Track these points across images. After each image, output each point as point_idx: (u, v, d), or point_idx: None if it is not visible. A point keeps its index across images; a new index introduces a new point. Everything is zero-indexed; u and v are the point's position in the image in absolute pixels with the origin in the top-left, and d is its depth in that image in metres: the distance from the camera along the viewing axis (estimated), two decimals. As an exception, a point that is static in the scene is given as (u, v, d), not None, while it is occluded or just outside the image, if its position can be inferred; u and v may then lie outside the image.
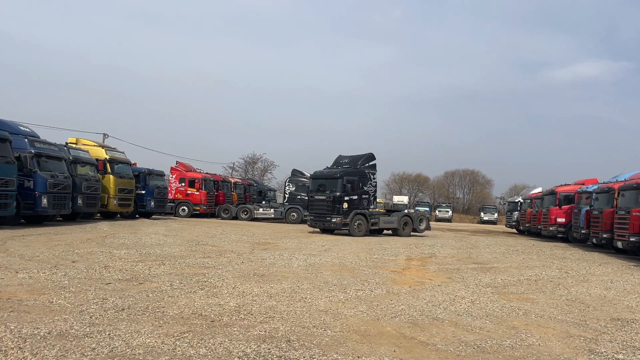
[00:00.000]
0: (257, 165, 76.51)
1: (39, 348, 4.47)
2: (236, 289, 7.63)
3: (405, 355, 4.91)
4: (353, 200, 21.85)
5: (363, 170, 22.76)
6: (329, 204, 21.63)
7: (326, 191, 22.04)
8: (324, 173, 23.04)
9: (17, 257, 9.85)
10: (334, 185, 21.84)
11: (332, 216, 21.39)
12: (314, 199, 22.40)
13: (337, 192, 21.58)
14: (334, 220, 21.35)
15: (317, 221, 22.20)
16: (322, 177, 22.85)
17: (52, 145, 19.53)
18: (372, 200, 23.12)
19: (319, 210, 22.10)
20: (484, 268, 12.14)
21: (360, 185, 22.28)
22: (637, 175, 18.74)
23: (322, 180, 22.72)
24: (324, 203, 21.81)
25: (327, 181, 22.42)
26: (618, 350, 5.49)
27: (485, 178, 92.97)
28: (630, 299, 8.75)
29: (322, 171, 23.46)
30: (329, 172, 22.85)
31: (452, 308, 7.17)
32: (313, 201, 22.49)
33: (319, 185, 22.63)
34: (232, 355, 4.57)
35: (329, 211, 21.58)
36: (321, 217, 21.93)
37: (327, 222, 21.65)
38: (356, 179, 22.15)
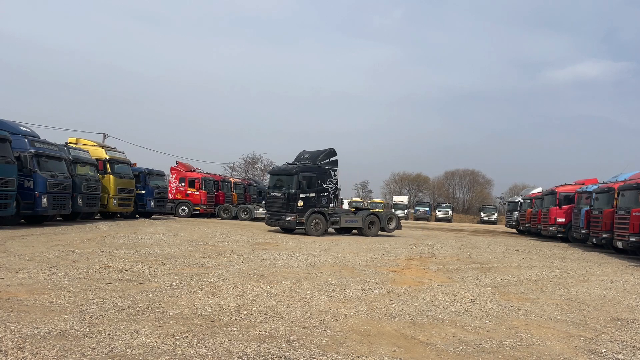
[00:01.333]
0: (257, 165, 76.63)
1: (39, 348, 4.47)
2: (236, 289, 7.64)
3: (405, 355, 4.91)
4: (310, 198, 20.84)
5: (322, 167, 21.60)
6: (283, 201, 20.60)
7: (282, 188, 21.07)
8: (281, 169, 22.10)
9: (17, 257, 9.84)
10: (290, 182, 20.84)
11: (287, 214, 20.40)
12: (270, 196, 21.64)
13: (292, 189, 20.55)
14: (288, 218, 20.37)
15: (273, 219, 21.19)
16: (279, 173, 21.97)
17: (52, 145, 19.51)
18: (333, 198, 21.91)
19: (275, 208, 21.12)
20: (484, 268, 12.14)
21: (319, 182, 21.20)
22: (637, 175, 18.74)
23: (278, 177, 21.83)
24: (279, 200, 20.81)
25: (283, 177, 21.44)
26: (618, 350, 5.49)
27: (485, 178, 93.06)
28: (630, 299, 8.75)
29: (279, 167, 22.65)
30: (285, 167, 21.80)
31: (452, 308, 7.17)
32: (269, 198, 21.65)
33: (275, 181, 21.80)
34: (232, 355, 4.57)
35: (284, 209, 20.56)
36: (277, 215, 20.92)
37: (282, 220, 20.62)
38: (314, 175, 21.08)
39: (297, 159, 22.57)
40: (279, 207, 20.80)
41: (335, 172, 22.04)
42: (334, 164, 22.21)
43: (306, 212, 20.61)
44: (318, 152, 22.17)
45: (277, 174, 22.12)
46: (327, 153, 22.04)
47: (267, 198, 22.06)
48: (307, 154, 22.47)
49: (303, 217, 20.47)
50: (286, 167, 21.69)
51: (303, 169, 21.04)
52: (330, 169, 21.83)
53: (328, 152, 22.06)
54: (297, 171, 20.76)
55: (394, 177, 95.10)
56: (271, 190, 21.72)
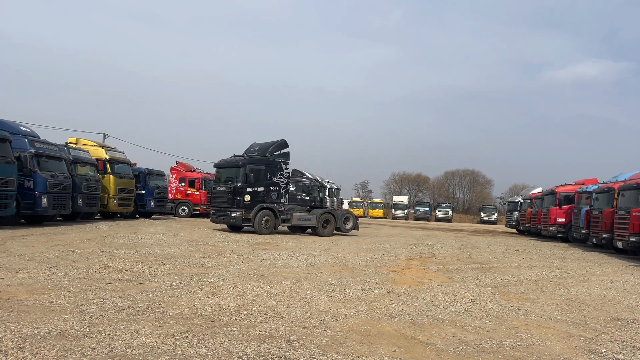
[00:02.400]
0: (257, 165, 76.43)
1: (39, 348, 4.47)
2: (236, 289, 7.63)
3: (405, 355, 4.91)
4: (258, 193, 19.37)
5: (273, 159, 20.17)
6: (229, 196, 19.23)
7: (228, 182, 19.70)
8: (227, 161, 20.42)
9: (17, 257, 9.84)
10: (236, 175, 19.40)
11: (233, 210, 19.03)
12: (215, 190, 20.18)
13: (238, 183, 19.14)
14: (234, 214, 18.97)
15: (218, 216, 19.81)
16: (224, 165, 20.34)
17: (52, 145, 19.51)
18: (284, 193, 20.46)
19: (220, 203, 19.73)
20: (484, 268, 12.14)
21: (269, 176, 19.77)
22: (637, 175, 18.74)
23: (224, 170, 20.33)
24: (225, 195, 19.43)
25: (228, 170, 19.99)
26: (618, 350, 5.49)
27: (485, 178, 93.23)
28: (630, 299, 8.75)
29: (225, 159, 20.75)
30: (231, 160, 20.20)
31: (452, 308, 7.17)
32: (215, 193, 20.27)
33: (221, 175, 20.43)
34: (232, 355, 4.57)
35: (229, 204, 19.19)
36: (222, 211, 19.57)
37: (227, 217, 19.28)
38: (263, 168, 19.66)
39: (246, 152, 21.11)
40: (224, 203, 19.44)
41: (286, 165, 20.68)
42: (286, 156, 20.79)
43: (254, 208, 19.16)
44: (268, 143, 20.73)
45: (222, 166, 20.52)
46: (278, 145, 20.60)
47: (213, 193, 20.71)
48: (256, 146, 21.00)
49: (250, 214, 19.07)
50: (232, 159, 20.17)
51: (250, 160, 19.67)
52: (281, 161, 20.44)
53: (279, 144, 20.62)
54: (244, 163, 19.39)
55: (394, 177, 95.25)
56: (216, 185, 20.31)
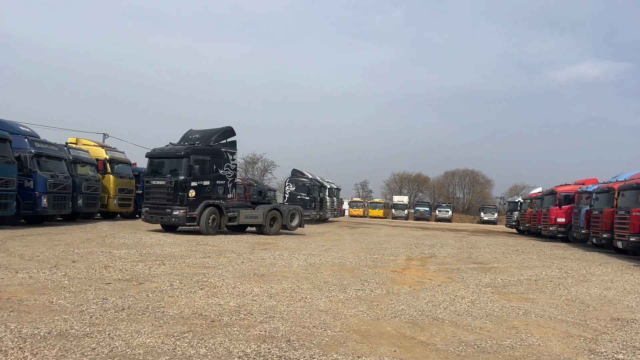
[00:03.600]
0: (257, 165, 76.66)
1: (39, 348, 4.47)
2: (236, 289, 7.63)
3: (405, 355, 4.91)
4: (204, 187, 17.20)
5: (219, 149, 18.02)
6: (169, 191, 16.72)
7: (167, 175, 17.10)
8: (165, 150, 17.65)
9: (17, 257, 9.84)
10: (177, 167, 16.94)
11: (174, 207, 16.55)
12: (150, 184, 17.34)
13: (181, 176, 16.74)
14: (175, 212, 16.56)
15: (154, 214, 17.12)
16: (162, 155, 17.53)
17: (52, 145, 19.52)
18: (231, 187, 18.38)
19: (156, 199, 17.05)
20: (484, 268, 12.14)
21: (215, 168, 17.61)
22: (637, 175, 18.74)
23: (161, 160, 17.55)
24: (163, 190, 16.90)
25: (168, 161, 17.39)
26: (618, 350, 5.49)
27: (485, 178, 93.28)
28: (630, 299, 8.75)
29: (162, 148, 17.96)
30: (171, 149, 17.56)
31: (452, 308, 7.17)
32: (149, 187, 17.43)
33: (157, 166, 17.58)
34: (232, 355, 4.57)
35: (170, 201, 16.70)
36: (159, 208, 16.94)
37: (167, 215, 16.77)
38: (208, 159, 17.43)
39: (183, 139, 18.66)
40: (163, 199, 16.90)
41: (233, 155, 18.62)
42: (232, 145, 18.67)
43: (199, 205, 16.93)
44: (212, 130, 18.48)
45: (159, 157, 17.64)
46: (224, 132, 18.39)
47: (146, 188, 17.61)
48: (197, 133, 18.60)
49: (195, 212, 16.83)
50: (172, 149, 17.59)
51: (195, 150, 17.28)
52: (227, 151, 18.33)
53: (224, 131, 18.42)
54: (188, 153, 16.93)
55: (394, 177, 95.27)
56: (151, 178, 17.43)
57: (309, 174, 34.57)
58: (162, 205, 16.90)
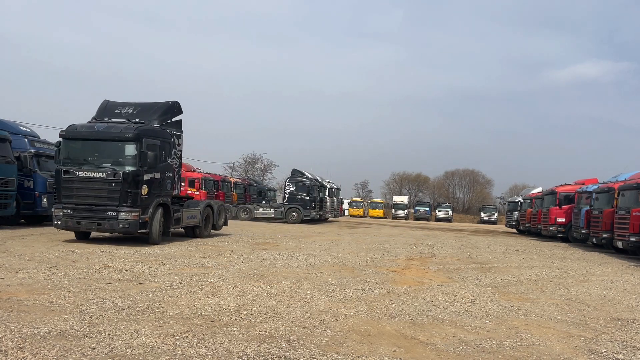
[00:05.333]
0: (257, 165, 76.68)
1: (39, 348, 4.47)
2: (236, 289, 7.63)
3: (405, 355, 4.90)
4: (154, 181, 13.06)
5: (167, 131, 13.97)
6: (113, 187, 12.11)
7: (105, 164, 12.42)
8: (100, 130, 12.61)
9: (17, 257, 9.84)
10: (123, 153, 12.44)
11: (122, 210, 12.02)
12: (75, 177, 12.27)
13: (132, 166, 12.31)
14: (124, 216, 12.01)
15: (84, 219, 12.22)
16: (96, 136, 12.58)
17: (52, 145, 19.46)
18: (177, 180, 14.71)
19: (88, 198, 12.25)
20: (484, 268, 12.14)
21: (164, 156, 13.53)
22: (637, 175, 18.74)
23: (94, 144, 12.66)
24: (102, 186, 12.20)
25: (107, 145, 12.59)
26: (618, 350, 5.49)
27: (485, 178, 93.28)
28: (630, 299, 8.75)
29: (91, 126, 12.88)
30: (110, 128, 12.68)
31: (452, 308, 7.17)
32: (72, 181, 12.29)
33: (86, 152, 12.68)
34: (232, 355, 4.57)
35: (113, 200, 12.10)
36: (94, 212, 12.18)
37: (108, 220, 12.08)
38: (159, 143, 13.14)
39: (103, 113, 13.75)
40: (102, 198, 12.21)
41: (179, 139, 14.72)
42: (179, 127, 14.74)
43: (151, 206, 12.83)
44: (152, 105, 14.04)
45: (91, 138, 12.61)
46: (170, 108, 14.30)
47: (67, 182, 12.36)
48: (127, 107, 13.87)
49: (147, 214, 12.66)
50: (113, 128, 12.66)
51: (147, 132, 12.86)
52: (174, 134, 14.36)
53: (171, 107, 14.35)
54: (139, 135, 12.43)
55: (394, 177, 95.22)
56: (77, 168, 12.33)
57: (309, 174, 34.57)
58: (100, 207, 12.11)
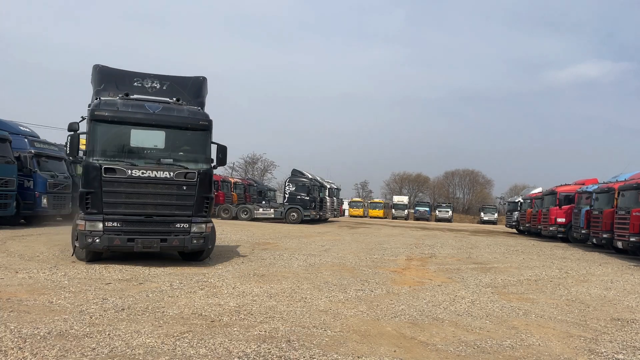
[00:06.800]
0: (257, 165, 76.69)
1: (39, 348, 4.47)
2: (236, 289, 7.63)
3: (405, 355, 4.90)
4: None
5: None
6: (185, 191, 9.52)
7: (170, 158, 9.65)
8: (156, 112, 9.55)
9: (17, 257, 9.84)
10: (190, 147, 10.10)
11: (196, 220, 9.57)
12: (127, 179, 9.18)
13: (206, 163, 9.85)
14: (198, 230, 9.56)
15: (140, 234, 9.22)
16: (158, 121, 9.58)
17: (52, 145, 19.54)
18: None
19: (148, 206, 9.37)
20: (484, 268, 12.13)
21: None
22: (637, 175, 18.73)
23: (149, 131, 9.76)
24: (171, 190, 9.45)
25: (170, 134, 9.86)
26: (618, 350, 5.49)
27: (485, 178, 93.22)
28: (630, 299, 8.75)
29: (139, 104, 9.65)
30: (168, 109, 9.75)
31: (452, 308, 7.17)
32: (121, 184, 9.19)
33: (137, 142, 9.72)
34: (232, 355, 4.57)
35: (186, 209, 9.55)
36: (154, 225, 9.36)
37: (177, 234, 9.42)
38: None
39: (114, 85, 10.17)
40: (171, 206, 9.55)
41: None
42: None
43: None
44: (183, 80, 11.00)
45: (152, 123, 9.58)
46: (204, 86, 11.27)
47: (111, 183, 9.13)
48: (152, 80, 10.57)
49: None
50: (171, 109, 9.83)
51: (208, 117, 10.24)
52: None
53: (204, 85, 11.30)
54: (210, 121, 10.11)
55: (394, 177, 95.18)
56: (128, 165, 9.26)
57: (309, 174, 34.57)
58: (166, 218, 9.45)
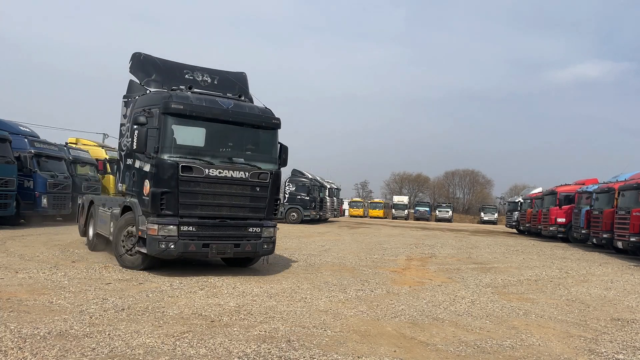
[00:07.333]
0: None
1: (39, 348, 4.47)
2: (236, 289, 7.63)
3: (405, 355, 4.90)
4: None
5: None
6: (259, 193, 8.96)
7: (241, 158, 9.03)
8: (229, 108, 8.92)
9: (17, 257, 9.84)
10: (259, 146, 9.50)
11: (266, 224, 9.12)
12: (204, 178, 8.49)
13: (273, 165, 9.33)
14: (269, 234, 9.17)
15: (215, 239, 8.61)
16: (235, 118, 8.91)
17: (52, 145, 19.54)
18: None
19: (223, 208, 8.74)
20: (484, 268, 12.13)
21: None
22: (637, 175, 18.73)
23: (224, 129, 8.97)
24: (245, 191, 8.87)
25: (243, 133, 9.27)
26: (618, 350, 5.49)
27: (485, 178, 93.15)
28: (630, 299, 8.75)
29: (213, 100, 9.00)
30: (239, 106, 9.15)
31: (452, 308, 7.17)
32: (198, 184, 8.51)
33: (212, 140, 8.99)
34: (232, 355, 4.57)
35: (259, 212, 9.02)
36: (228, 228, 8.76)
37: (249, 239, 8.92)
38: None
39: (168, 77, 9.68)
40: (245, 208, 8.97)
41: None
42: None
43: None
44: (230, 75, 10.50)
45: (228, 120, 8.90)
46: (246, 82, 10.76)
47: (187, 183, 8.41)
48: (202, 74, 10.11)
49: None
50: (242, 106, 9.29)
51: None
52: None
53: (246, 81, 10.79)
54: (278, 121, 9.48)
55: (394, 177, 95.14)
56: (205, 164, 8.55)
57: (309, 174, 34.57)
58: (240, 221, 8.88)
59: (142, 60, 9.97)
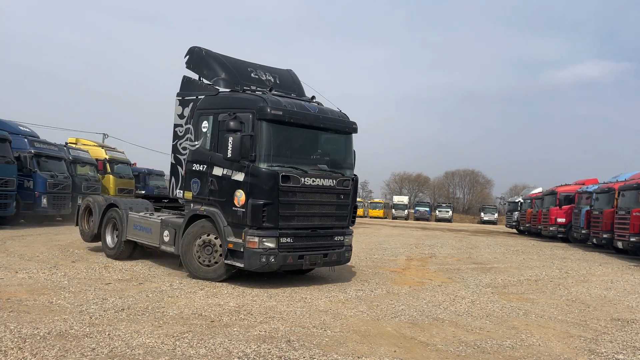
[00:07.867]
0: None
1: (38, 348, 4.47)
2: (236, 289, 7.63)
3: (405, 355, 4.90)
4: None
5: None
6: (343, 200, 8.72)
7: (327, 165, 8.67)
8: (316, 113, 8.61)
9: (17, 257, 9.83)
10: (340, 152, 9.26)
11: (347, 232, 8.95)
12: (300, 187, 8.07)
13: (351, 171, 9.14)
14: (349, 241, 9.04)
15: (308, 250, 8.26)
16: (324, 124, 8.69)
17: (52, 145, 19.52)
18: None
19: (315, 218, 8.45)
20: (484, 268, 12.13)
21: None
22: (637, 175, 18.74)
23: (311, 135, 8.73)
24: (332, 199, 8.59)
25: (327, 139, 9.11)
26: (618, 350, 5.49)
27: (485, 178, 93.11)
28: (630, 299, 8.75)
29: (302, 104, 8.61)
30: (324, 111, 8.91)
31: (452, 308, 7.17)
32: (295, 193, 8.06)
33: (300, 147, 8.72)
34: (232, 355, 4.57)
35: (343, 220, 8.82)
36: (318, 238, 8.44)
37: (334, 248, 8.64)
38: None
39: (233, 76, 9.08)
40: (332, 217, 8.71)
41: None
42: None
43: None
44: (286, 73, 10.27)
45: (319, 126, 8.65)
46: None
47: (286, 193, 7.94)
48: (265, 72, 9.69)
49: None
50: (325, 111, 9.02)
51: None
52: None
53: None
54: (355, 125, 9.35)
55: (394, 177, 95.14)
56: (301, 173, 8.14)
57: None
58: (328, 231, 8.65)
59: (204, 56, 9.34)
